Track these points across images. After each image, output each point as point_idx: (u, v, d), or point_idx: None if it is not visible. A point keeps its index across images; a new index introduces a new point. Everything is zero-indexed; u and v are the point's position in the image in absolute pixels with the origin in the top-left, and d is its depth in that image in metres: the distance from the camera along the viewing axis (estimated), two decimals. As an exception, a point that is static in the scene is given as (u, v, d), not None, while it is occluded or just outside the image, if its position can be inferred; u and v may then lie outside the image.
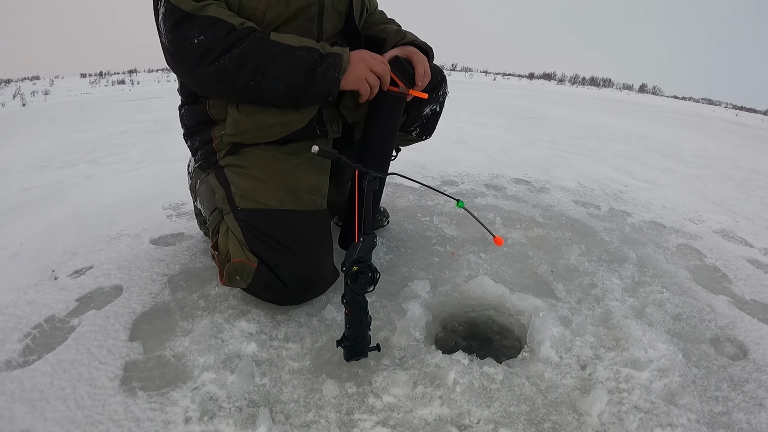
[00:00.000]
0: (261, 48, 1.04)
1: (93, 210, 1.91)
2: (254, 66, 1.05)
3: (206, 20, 1.02)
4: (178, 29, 1.03)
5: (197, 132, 1.28)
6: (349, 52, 1.13)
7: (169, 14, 1.03)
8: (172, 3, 1.02)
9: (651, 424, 0.88)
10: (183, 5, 1.02)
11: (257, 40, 1.05)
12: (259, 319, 1.14)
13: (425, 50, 1.31)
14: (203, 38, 1.02)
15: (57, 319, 1.15)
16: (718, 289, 1.46)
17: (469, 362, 1.00)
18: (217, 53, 1.03)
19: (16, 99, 12.19)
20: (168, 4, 1.03)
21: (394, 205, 1.94)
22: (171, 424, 0.85)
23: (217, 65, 1.04)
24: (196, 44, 1.03)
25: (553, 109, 7.61)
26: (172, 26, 1.04)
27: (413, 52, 1.24)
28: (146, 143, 3.49)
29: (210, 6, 1.04)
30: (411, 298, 1.25)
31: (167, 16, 1.04)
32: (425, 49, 1.31)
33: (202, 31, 1.02)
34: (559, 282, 1.38)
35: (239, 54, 1.03)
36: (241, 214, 1.12)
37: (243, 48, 1.03)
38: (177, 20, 1.03)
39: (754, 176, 3.40)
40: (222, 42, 1.02)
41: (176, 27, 1.03)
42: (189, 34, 1.03)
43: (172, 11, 1.03)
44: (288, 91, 1.10)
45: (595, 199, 2.27)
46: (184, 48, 1.04)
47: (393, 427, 0.87)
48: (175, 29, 1.04)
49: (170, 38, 1.05)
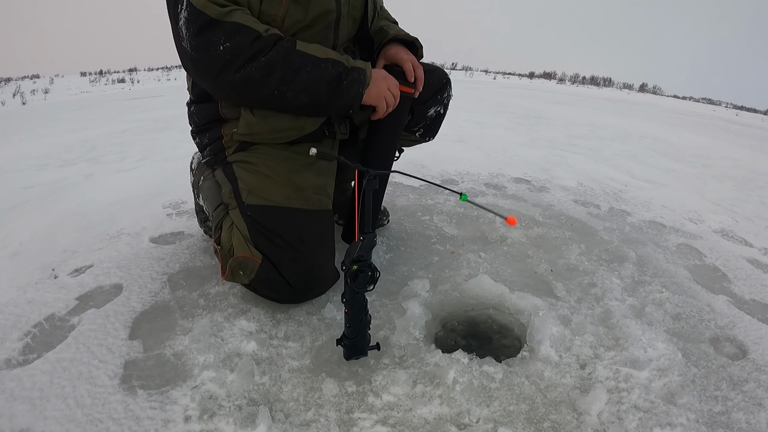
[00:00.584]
0: (288, 58, 1.04)
1: (93, 208, 1.91)
2: (281, 76, 1.04)
3: (232, 27, 1.00)
4: (203, 35, 1.01)
5: (207, 129, 1.28)
6: (371, 68, 1.15)
7: (193, 19, 1.01)
8: (196, 8, 1.00)
9: (650, 423, 0.88)
10: (208, 10, 0.99)
11: (285, 49, 1.04)
12: (259, 318, 1.14)
13: (410, 42, 1.32)
14: (229, 45, 1.00)
15: (57, 318, 1.15)
16: (717, 288, 1.46)
17: (468, 361, 1.00)
18: (243, 61, 1.02)
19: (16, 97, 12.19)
20: (191, 8, 1.00)
21: (394, 204, 1.94)
22: (171, 423, 0.85)
23: (243, 73, 1.03)
24: (222, 51, 1.01)
25: (553, 108, 7.61)
26: (197, 32, 1.01)
27: (396, 53, 1.27)
28: (146, 142, 3.48)
29: (235, 12, 1.02)
30: (411, 296, 1.25)
31: (191, 21, 1.01)
32: (410, 41, 1.32)
33: (227, 38, 1.00)
34: (558, 281, 1.38)
35: (266, 63, 1.02)
36: (248, 209, 1.12)
37: (270, 57, 1.02)
38: (201, 26, 1.00)
39: (754, 176, 3.40)
40: (249, 49, 1.01)
41: (200, 32, 1.01)
42: (214, 41, 1.00)
43: (196, 16, 1.00)
44: (311, 102, 1.11)
45: (595, 199, 2.27)
46: (208, 54, 1.02)
47: (392, 425, 0.87)
48: (199, 35, 1.01)
49: (194, 44, 1.03)
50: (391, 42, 1.31)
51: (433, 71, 1.40)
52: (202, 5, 1.00)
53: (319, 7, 1.13)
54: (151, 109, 6.26)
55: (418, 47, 1.34)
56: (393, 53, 1.28)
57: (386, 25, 1.37)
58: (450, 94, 1.47)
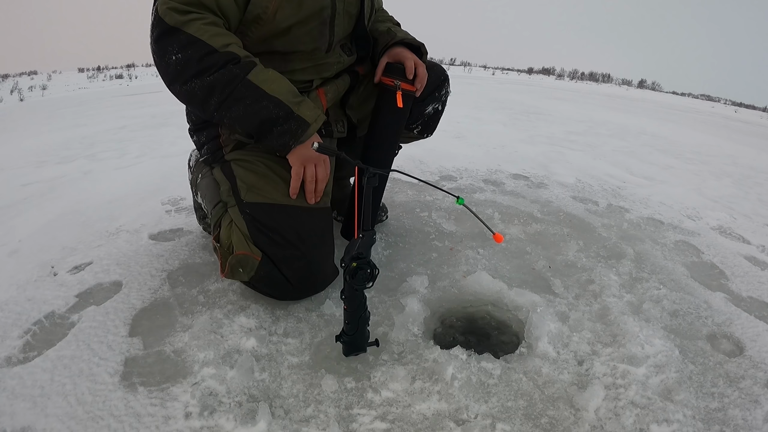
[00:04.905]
0: (231, 84, 1.02)
1: (92, 205, 1.91)
2: (219, 100, 1.04)
3: (186, 39, 1.00)
4: (161, 42, 1.02)
5: (204, 128, 1.28)
6: (315, 132, 1.10)
7: (155, 24, 1.02)
8: (158, 14, 1.01)
9: (647, 419, 0.89)
10: (167, 18, 1.00)
11: (231, 75, 1.02)
12: (258, 315, 1.15)
13: (417, 47, 1.34)
14: (180, 57, 1.01)
15: (57, 315, 1.15)
16: (715, 285, 1.46)
17: (467, 357, 1.01)
18: (189, 75, 1.02)
19: (14, 94, 12.14)
20: (155, 14, 1.02)
21: (392, 200, 1.94)
22: (171, 420, 0.86)
23: (188, 87, 1.03)
24: (174, 61, 1.02)
25: (552, 104, 7.60)
26: (156, 38, 1.03)
27: (400, 52, 1.28)
28: (144, 138, 3.47)
29: (194, 22, 1.01)
30: (409, 293, 1.25)
31: (153, 26, 1.03)
32: (416, 45, 1.34)
33: (180, 49, 1.01)
34: (556, 278, 1.39)
35: (208, 83, 1.02)
36: (246, 207, 1.12)
37: (213, 78, 1.02)
38: (160, 33, 1.02)
39: (752, 173, 3.41)
40: (196, 65, 1.01)
41: (159, 39, 1.02)
42: (169, 50, 1.02)
43: (157, 23, 1.02)
44: (244, 133, 1.12)
45: (593, 195, 2.27)
46: (164, 61, 1.03)
47: (392, 421, 0.88)
48: (158, 41, 1.03)
49: (154, 48, 1.05)
50: (397, 44, 1.32)
51: (431, 68, 1.40)
52: (163, 12, 1.01)
53: (313, 4, 1.12)
54: (149, 105, 6.24)
55: (424, 53, 1.36)
56: (397, 52, 1.30)
57: (394, 28, 1.38)
58: (448, 91, 1.48)
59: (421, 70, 1.28)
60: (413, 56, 1.29)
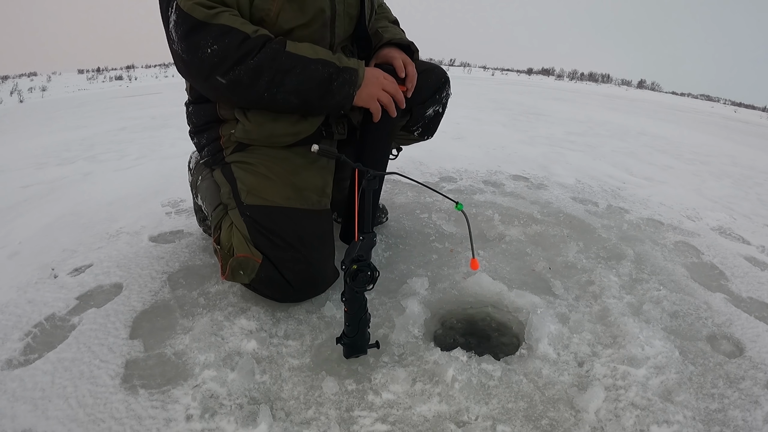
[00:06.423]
0: (277, 60, 1.03)
1: (92, 207, 1.91)
2: (269, 78, 1.04)
3: (219, 29, 1.00)
4: (191, 38, 1.01)
5: (205, 130, 1.28)
6: (365, 68, 1.14)
7: (181, 22, 1.01)
8: (183, 11, 1.00)
9: (647, 420, 0.89)
10: (195, 13, 1.00)
11: (273, 51, 1.03)
12: (259, 317, 1.15)
13: (406, 45, 1.33)
14: (216, 48, 1.01)
15: (57, 318, 1.15)
16: (715, 286, 1.46)
17: (467, 359, 1.01)
18: (231, 63, 1.02)
19: (14, 95, 12.14)
20: (179, 11, 1.01)
21: (392, 202, 1.94)
22: (172, 422, 0.86)
23: (232, 75, 1.03)
24: (210, 54, 1.01)
25: (551, 104, 7.61)
26: (185, 35, 1.02)
27: (388, 53, 1.28)
28: (144, 140, 3.48)
29: (222, 14, 1.02)
30: (410, 295, 1.25)
31: (179, 24, 1.02)
32: (405, 44, 1.33)
33: (215, 40, 1.00)
34: (556, 279, 1.39)
35: (254, 65, 1.02)
36: (247, 209, 1.13)
37: (258, 59, 1.02)
38: (189, 28, 1.01)
39: (752, 173, 3.41)
40: (236, 52, 1.01)
41: (188, 35, 1.01)
42: (202, 44, 1.01)
43: (184, 19, 1.01)
44: (302, 103, 1.11)
45: (593, 196, 2.28)
46: (197, 57, 1.02)
47: (392, 423, 0.88)
48: (187, 38, 1.02)
49: (183, 47, 1.03)
50: (386, 45, 1.31)
51: (431, 70, 1.40)
52: (189, 8, 1.00)
53: (314, 6, 1.13)
54: (148, 106, 6.25)
55: (414, 51, 1.34)
56: (385, 53, 1.28)
57: (383, 27, 1.37)
58: (449, 93, 1.47)
59: (410, 69, 1.27)
60: (402, 55, 1.27)
